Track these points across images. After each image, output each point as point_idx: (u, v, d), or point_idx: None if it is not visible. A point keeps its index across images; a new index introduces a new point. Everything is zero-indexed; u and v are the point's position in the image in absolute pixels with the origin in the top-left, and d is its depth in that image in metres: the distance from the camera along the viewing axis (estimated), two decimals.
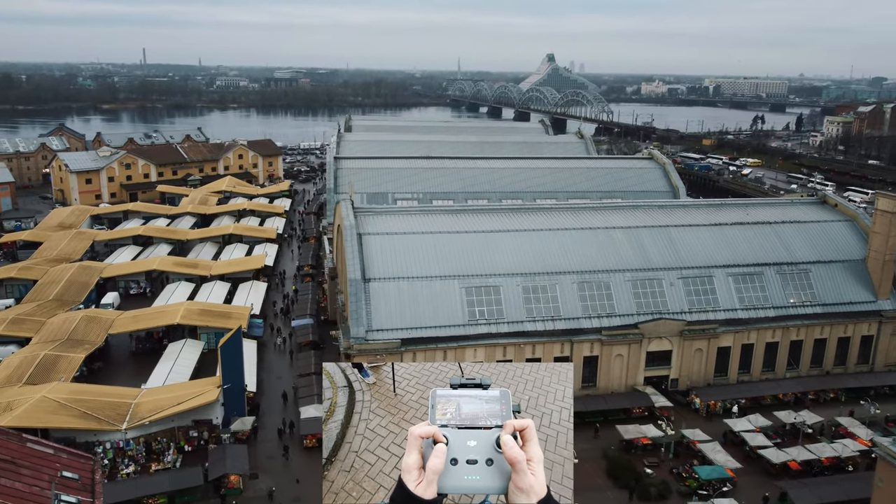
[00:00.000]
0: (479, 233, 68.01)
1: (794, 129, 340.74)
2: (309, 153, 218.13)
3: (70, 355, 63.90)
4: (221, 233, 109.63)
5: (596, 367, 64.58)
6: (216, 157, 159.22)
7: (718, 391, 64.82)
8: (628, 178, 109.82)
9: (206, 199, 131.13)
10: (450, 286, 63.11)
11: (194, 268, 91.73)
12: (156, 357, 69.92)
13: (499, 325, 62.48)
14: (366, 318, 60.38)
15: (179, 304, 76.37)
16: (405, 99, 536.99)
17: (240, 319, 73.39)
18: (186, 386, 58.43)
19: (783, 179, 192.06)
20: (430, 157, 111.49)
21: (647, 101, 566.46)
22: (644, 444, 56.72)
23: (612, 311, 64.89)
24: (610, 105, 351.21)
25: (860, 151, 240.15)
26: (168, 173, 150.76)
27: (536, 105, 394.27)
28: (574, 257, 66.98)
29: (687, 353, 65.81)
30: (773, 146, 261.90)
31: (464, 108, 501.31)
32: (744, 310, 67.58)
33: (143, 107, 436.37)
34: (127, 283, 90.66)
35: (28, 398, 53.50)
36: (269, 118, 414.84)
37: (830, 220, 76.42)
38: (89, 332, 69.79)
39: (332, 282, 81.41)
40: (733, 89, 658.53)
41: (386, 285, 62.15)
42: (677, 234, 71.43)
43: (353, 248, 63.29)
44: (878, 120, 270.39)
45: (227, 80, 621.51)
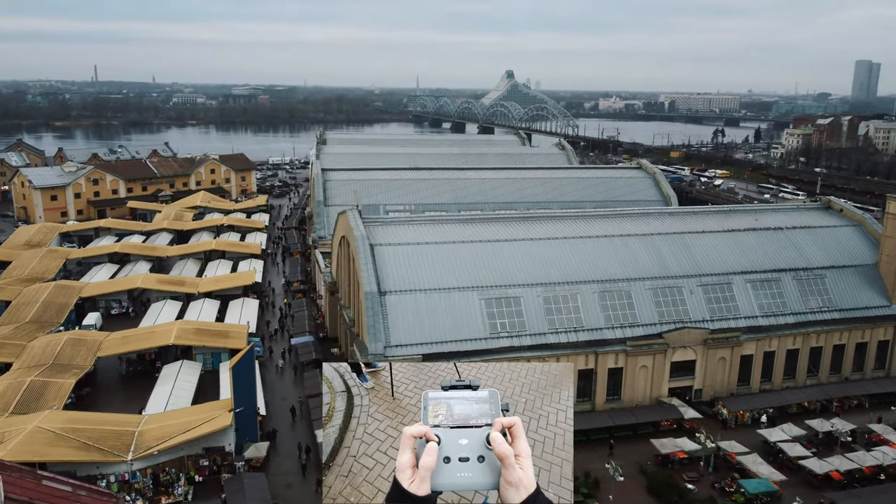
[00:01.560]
0: (494, 242, 65.37)
1: (752, 141, 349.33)
2: (279, 168, 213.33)
3: (59, 381, 58.89)
4: (203, 249, 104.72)
5: (620, 379, 62.27)
6: (188, 172, 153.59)
7: (745, 401, 63.07)
8: (620, 188, 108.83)
9: (182, 214, 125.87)
10: (469, 298, 60.19)
11: (180, 285, 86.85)
12: (149, 381, 65.23)
13: (521, 337, 59.74)
14: (384, 334, 57.02)
15: (172, 323, 71.72)
16: (367, 115, 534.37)
17: (239, 338, 69.26)
18: (194, 411, 54.06)
19: (754, 190, 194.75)
20: (419, 168, 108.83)
21: (605, 117, 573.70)
22: (680, 458, 54.44)
23: (634, 321, 62.76)
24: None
25: (822, 162, 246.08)
26: (138, 189, 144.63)
27: (501, 120, 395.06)
28: (593, 266, 64.80)
29: (711, 363, 64.01)
30: (737, 158, 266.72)
31: (426, 124, 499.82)
32: (764, 317, 66.16)
33: (98, 124, 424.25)
34: (108, 303, 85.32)
35: (19, 429, 48.61)
36: (228, 135, 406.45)
37: (838, 226, 75.96)
38: (76, 355, 64.70)
39: (333, 297, 77.66)
40: (688, 105, 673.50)
41: (403, 298, 58.91)
42: (692, 240, 69.91)
43: (366, 259, 59.94)
44: (836, 132, 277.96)
45: (183, 98, 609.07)
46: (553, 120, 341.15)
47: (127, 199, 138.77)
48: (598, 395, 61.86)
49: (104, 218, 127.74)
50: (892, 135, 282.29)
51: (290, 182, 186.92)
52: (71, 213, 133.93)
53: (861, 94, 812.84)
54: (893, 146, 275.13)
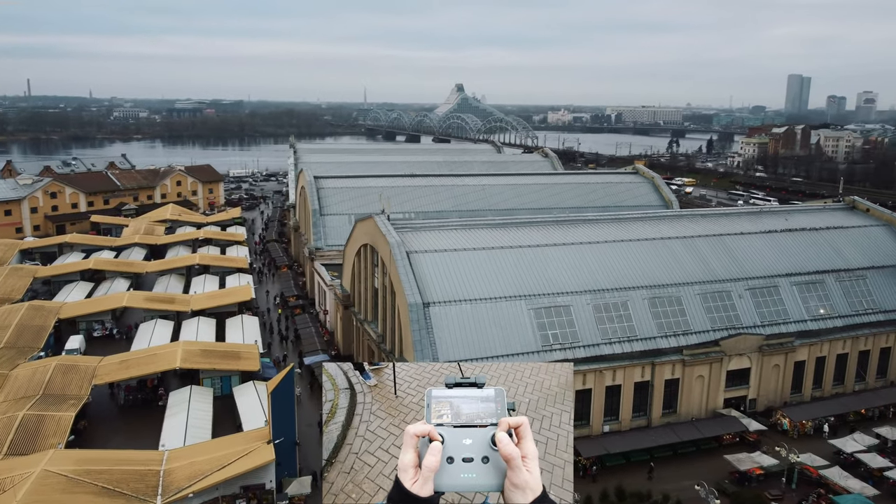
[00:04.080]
0: (535, 247, 60.65)
1: (706, 151, 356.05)
2: (241, 181, 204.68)
3: (55, 414, 51.28)
4: (186, 263, 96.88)
5: (675, 391, 58.18)
6: (152, 185, 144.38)
7: (805, 410, 59.74)
8: (620, 193, 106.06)
9: (153, 228, 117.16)
10: (517, 308, 55.22)
11: (170, 303, 79.19)
12: (153, 410, 58.08)
13: (574, 349, 55.04)
14: (430, 349, 51.52)
15: (174, 344, 64.42)
16: (319, 128, 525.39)
17: (251, 360, 62.67)
18: (223, 444, 47.33)
19: (725, 197, 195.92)
20: (416, 175, 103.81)
21: (555, 129, 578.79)
22: (758, 474, 50.48)
23: (687, 329, 58.83)
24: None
25: (780, 169, 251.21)
26: (99, 203, 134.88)
27: (457, 132, 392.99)
28: (640, 270, 60.74)
29: (765, 371, 60.57)
30: (699, 166, 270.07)
31: (380, 137, 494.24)
32: (813, 321, 63.26)
33: (37, 139, 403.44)
34: (89, 325, 77.00)
35: (23, 474, 41.25)
36: (176, 149, 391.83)
37: (868, 225, 74.09)
38: (68, 384, 56.96)
39: (346, 311, 71.57)
40: (634, 117, 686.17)
41: (447, 310, 53.54)
42: (732, 242, 66.70)
43: (405, 268, 54.39)
44: (791, 141, 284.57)
45: (125, 112, 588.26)
46: (512, 131, 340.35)
47: (89, 214, 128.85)
48: (654, 409, 57.58)
49: (63, 233, 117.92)
50: (841, 142, 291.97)
51: (256, 195, 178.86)
52: (27, 229, 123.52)
53: (793, 106, 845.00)
54: (842, 153, 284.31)
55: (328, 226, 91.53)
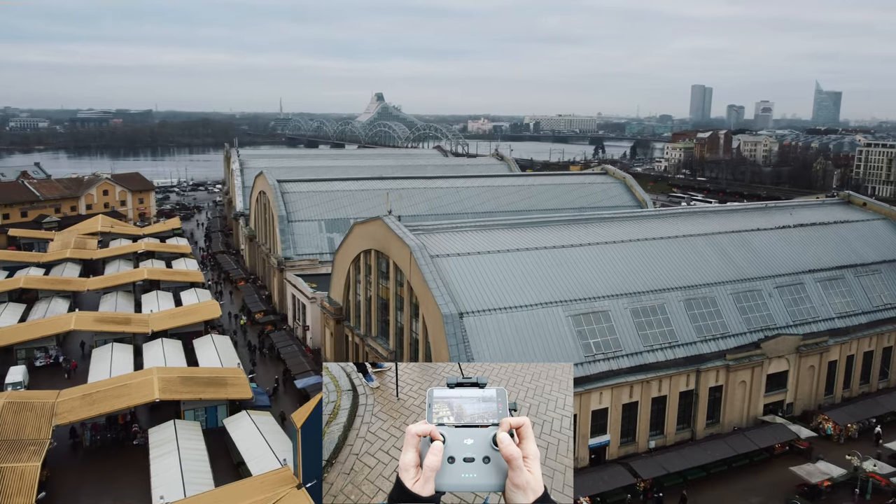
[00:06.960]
0: (560, 248, 55.16)
1: (630, 157, 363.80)
2: (168, 191, 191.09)
3: (16, 466, 41.77)
4: (133, 279, 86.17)
5: (718, 399, 53.90)
6: (76, 195, 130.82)
7: (847, 412, 56.62)
8: (595, 194, 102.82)
9: (84, 242, 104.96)
10: (554, 315, 49.52)
11: (126, 324, 69.14)
12: (129, 451, 49.19)
13: (618, 359, 49.84)
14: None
15: (146, 372, 55.07)
16: (236, 138, 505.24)
17: (240, 386, 54.36)
18: (243, 491, 39.14)
19: (665, 199, 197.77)
20: (386, 178, 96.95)
21: (476, 137, 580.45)
22: (826, 486, 46.61)
23: (725, 332, 54.74)
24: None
25: (709, 172, 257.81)
26: (16, 215, 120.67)
27: (385, 140, 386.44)
28: (672, 271, 56.33)
29: (802, 372, 57.26)
30: (630, 172, 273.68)
31: (302, 146, 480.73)
32: (839, 318, 60.64)
33: None
34: (29, 352, 66.12)
35: None
36: (82, 160, 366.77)
37: (868, 220, 72.76)
38: (23, 425, 47.15)
39: (338, 326, 63.96)
40: (551, 126, 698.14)
41: (483, 320, 47.23)
42: (752, 238, 63.45)
43: (433, 275, 47.74)
44: (715, 145, 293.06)
45: (21, 122, 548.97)
46: (444, 139, 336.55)
47: (6, 227, 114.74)
48: (698, 421, 53.09)
49: None
50: (759, 147, 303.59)
51: (189, 205, 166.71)
52: None
53: (697, 115, 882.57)
54: (760, 156, 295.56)
55: (297, 233, 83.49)
